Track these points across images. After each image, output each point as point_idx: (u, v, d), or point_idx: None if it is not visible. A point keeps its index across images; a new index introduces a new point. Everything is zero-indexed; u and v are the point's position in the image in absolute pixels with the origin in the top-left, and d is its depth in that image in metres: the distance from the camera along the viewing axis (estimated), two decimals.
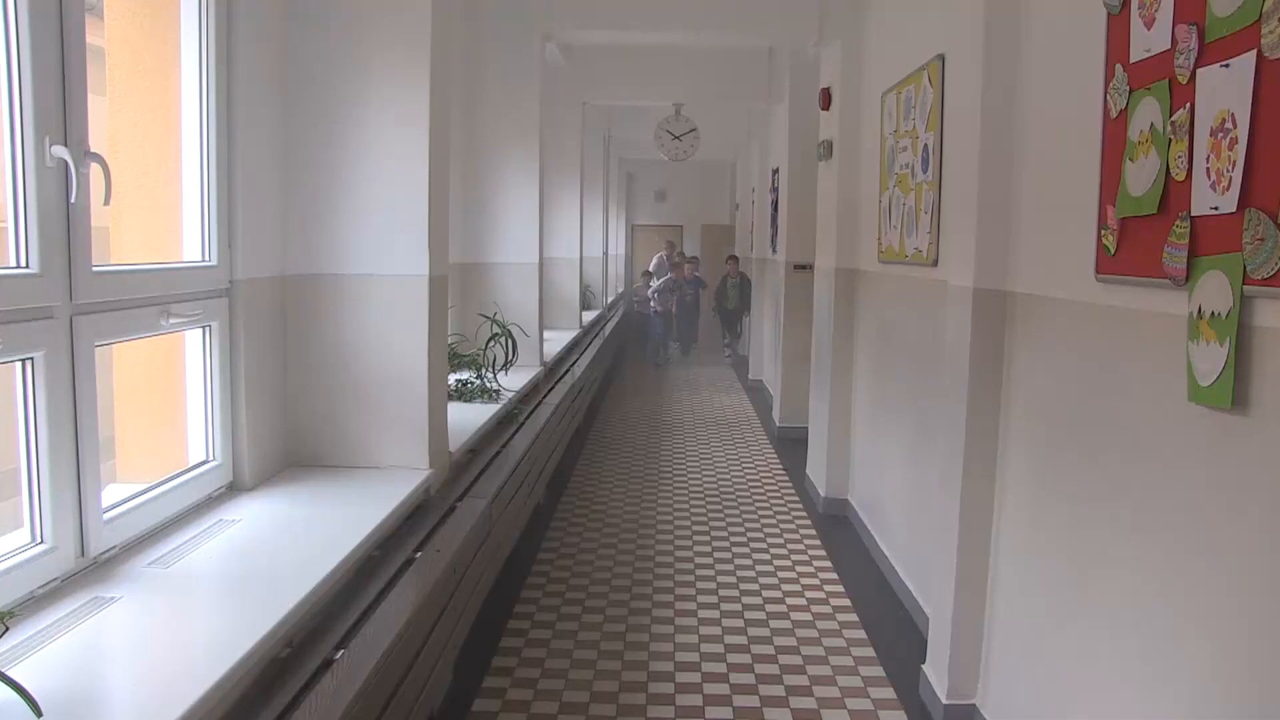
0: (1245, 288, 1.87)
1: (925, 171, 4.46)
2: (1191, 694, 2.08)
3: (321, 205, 3.38)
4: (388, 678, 2.31)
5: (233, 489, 3.10)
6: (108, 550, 2.40)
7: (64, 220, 2.22)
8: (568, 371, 7.22)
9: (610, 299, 13.95)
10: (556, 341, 7.93)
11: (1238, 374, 1.91)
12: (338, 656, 2.21)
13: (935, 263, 4.28)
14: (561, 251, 9.30)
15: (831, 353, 6.36)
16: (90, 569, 2.32)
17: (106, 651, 1.99)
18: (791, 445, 8.13)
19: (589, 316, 10.63)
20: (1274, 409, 1.83)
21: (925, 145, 4.46)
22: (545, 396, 5.95)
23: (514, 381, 5.50)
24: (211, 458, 3.03)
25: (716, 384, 12.41)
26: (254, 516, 2.87)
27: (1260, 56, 1.83)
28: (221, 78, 2.96)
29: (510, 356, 5.70)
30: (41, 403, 2.17)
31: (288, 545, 2.65)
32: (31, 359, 2.16)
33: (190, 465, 2.96)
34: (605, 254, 14.33)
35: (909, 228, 4.74)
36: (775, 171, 9.98)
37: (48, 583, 2.18)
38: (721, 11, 6.29)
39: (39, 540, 2.19)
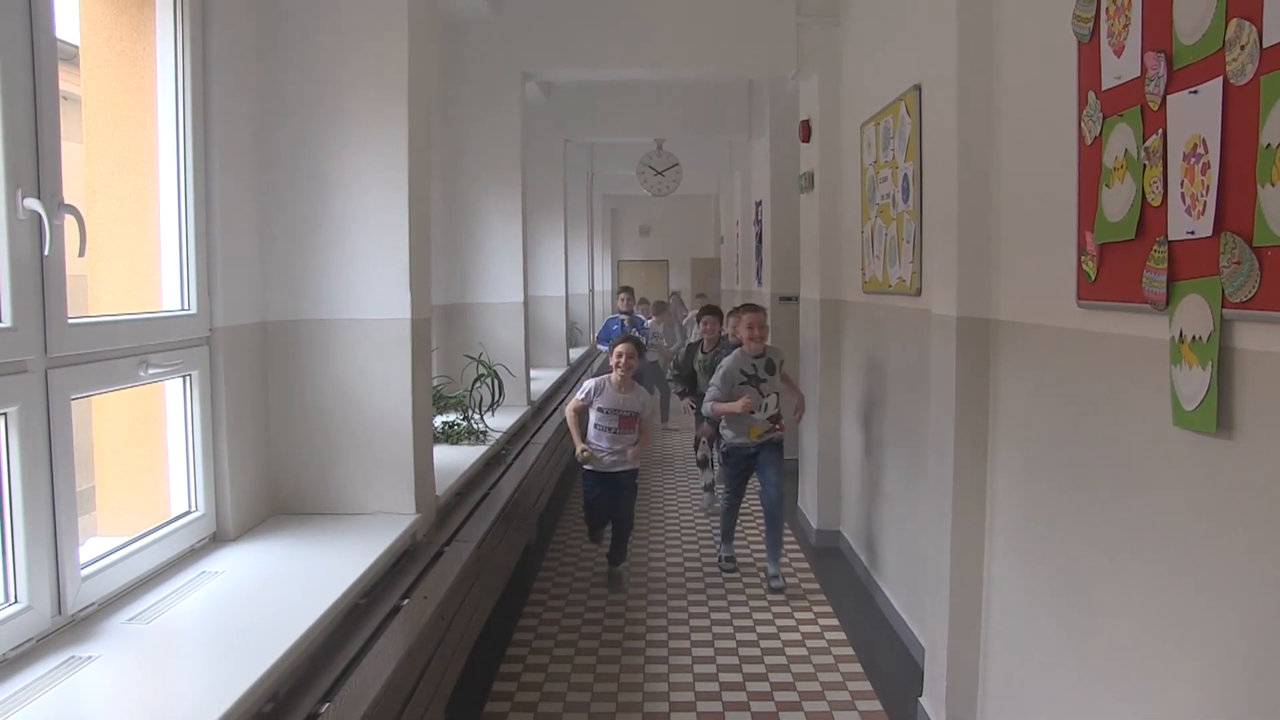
0: (1224, 311, 1.87)
1: (906, 201, 4.48)
2: (1187, 717, 2.06)
3: (301, 250, 3.36)
4: None
5: (216, 540, 3.05)
6: (86, 607, 2.35)
7: (38, 273, 2.20)
8: (556, 409, 7.19)
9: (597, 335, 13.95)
10: (544, 380, 7.91)
11: (1220, 397, 1.90)
12: (322, 710, 2.17)
13: (919, 292, 4.28)
14: (547, 289, 9.32)
15: (819, 384, 6.35)
16: (68, 627, 2.27)
17: (83, 714, 1.94)
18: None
19: (576, 354, 10.62)
20: (1257, 431, 1.82)
21: (905, 175, 4.49)
22: (533, 436, 5.92)
23: (501, 422, 5.47)
24: (194, 508, 2.99)
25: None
26: (237, 567, 2.82)
27: (1226, 83, 1.84)
28: (198, 124, 2.96)
29: (497, 397, 5.67)
30: (15, 458, 2.14)
31: (272, 596, 2.61)
32: (5, 414, 2.12)
33: (172, 516, 2.92)
34: (591, 290, 14.36)
35: (891, 258, 4.76)
36: (759, 204, 10.03)
37: (22, 643, 2.13)
38: (699, 47, 6.34)
39: (13, 600, 2.15)
